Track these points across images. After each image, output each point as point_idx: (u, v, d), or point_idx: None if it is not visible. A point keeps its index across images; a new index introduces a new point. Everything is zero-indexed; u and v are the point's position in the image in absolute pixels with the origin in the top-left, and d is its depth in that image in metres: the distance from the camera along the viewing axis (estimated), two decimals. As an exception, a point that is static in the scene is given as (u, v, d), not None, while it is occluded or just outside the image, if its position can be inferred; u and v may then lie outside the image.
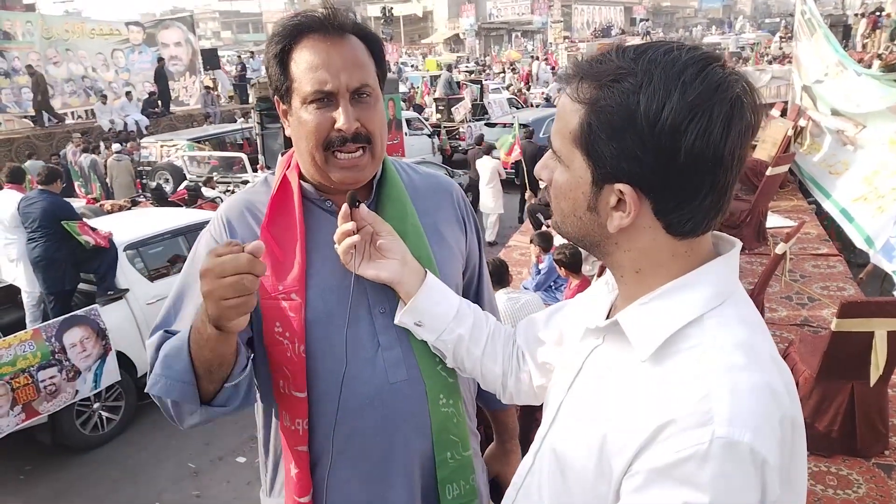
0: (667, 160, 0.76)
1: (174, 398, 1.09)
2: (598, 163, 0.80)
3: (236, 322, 0.98)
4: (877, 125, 6.17)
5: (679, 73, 0.75)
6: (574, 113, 0.81)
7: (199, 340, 1.03)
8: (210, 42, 43.44)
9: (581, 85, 0.81)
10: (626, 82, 0.76)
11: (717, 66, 0.77)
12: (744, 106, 0.77)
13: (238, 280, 0.93)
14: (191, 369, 1.05)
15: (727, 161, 0.77)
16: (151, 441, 4.75)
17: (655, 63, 0.76)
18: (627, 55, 0.79)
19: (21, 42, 15.01)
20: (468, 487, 1.25)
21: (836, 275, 5.61)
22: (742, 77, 0.78)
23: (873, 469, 3.21)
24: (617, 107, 0.76)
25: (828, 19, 12.80)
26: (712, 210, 0.80)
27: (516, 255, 6.82)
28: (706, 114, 0.74)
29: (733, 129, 0.76)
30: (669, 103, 0.74)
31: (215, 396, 1.10)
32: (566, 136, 0.83)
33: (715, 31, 47.05)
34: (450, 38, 48.39)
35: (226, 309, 0.95)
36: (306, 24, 1.14)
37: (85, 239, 5.17)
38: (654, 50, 0.78)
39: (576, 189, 0.84)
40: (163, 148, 11.69)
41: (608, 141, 0.78)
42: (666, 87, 0.75)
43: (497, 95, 18.15)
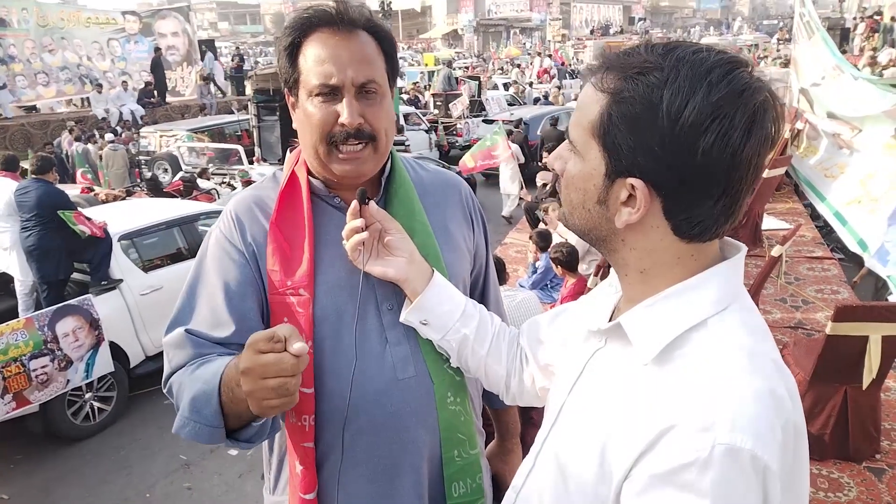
0: (683, 159, 0.75)
1: (203, 442, 1.08)
2: (613, 155, 0.79)
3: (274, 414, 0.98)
4: (873, 129, 6.19)
5: (706, 72, 0.75)
6: (595, 103, 0.80)
7: (232, 397, 1.01)
8: (207, 33, 43.20)
9: (606, 75, 0.80)
10: (652, 76, 0.76)
11: (744, 70, 0.76)
12: (766, 114, 0.76)
13: (282, 384, 0.90)
14: (220, 414, 1.04)
15: (743, 167, 0.76)
16: (143, 433, 4.73)
17: (683, 61, 0.76)
18: (656, 50, 0.78)
19: (16, 29, 14.91)
20: (474, 486, 1.25)
21: (831, 278, 5.64)
22: (767, 86, 0.77)
23: (864, 472, 3.23)
24: (640, 99, 0.76)
25: (825, 22, 12.83)
26: (722, 216, 0.79)
27: (512, 252, 6.83)
28: (728, 116, 0.74)
29: (753, 136, 0.75)
30: (693, 101, 0.74)
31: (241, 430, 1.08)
32: (585, 125, 0.82)
33: (713, 32, 47.11)
34: (448, 33, 48.32)
35: (267, 409, 0.94)
36: (317, 17, 1.14)
37: (80, 228, 5.14)
38: (682, 48, 0.78)
39: (588, 180, 0.83)
40: (162, 138, 11.63)
41: (627, 133, 0.77)
42: (691, 85, 0.74)
43: (495, 92, 18.12)
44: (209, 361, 1.12)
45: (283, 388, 0.91)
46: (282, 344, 0.90)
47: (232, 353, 1.11)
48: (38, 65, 15.16)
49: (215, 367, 1.07)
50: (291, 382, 0.91)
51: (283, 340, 0.90)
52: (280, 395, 0.91)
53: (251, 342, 0.92)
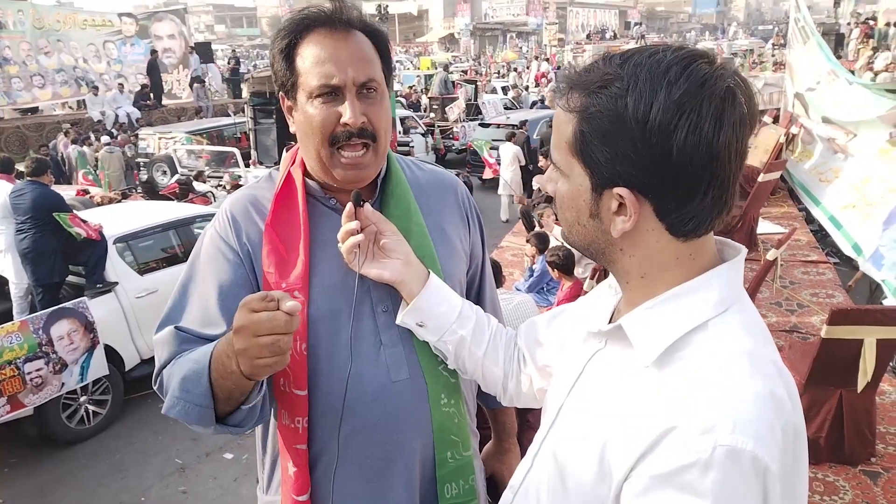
0: (660, 159, 0.76)
1: (192, 422, 1.08)
2: (594, 169, 0.81)
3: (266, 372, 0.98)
4: (867, 134, 6.22)
5: (664, 72, 0.76)
6: (567, 123, 0.82)
7: (222, 372, 1.01)
8: (203, 36, 43.18)
9: (571, 95, 0.82)
10: (614, 87, 0.77)
11: (702, 62, 0.77)
12: (735, 98, 0.77)
13: (274, 341, 0.92)
14: (210, 394, 1.04)
15: (723, 155, 0.77)
16: (138, 436, 4.71)
17: (640, 66, 0.77)
18: (614, 61, 0.80)
19: (12, 31, 14.89)
20: (467, 487, 1.25)
21: (826, 282, 5.66)
22: (731, 70, 0.78)
23: (859, 475, 3.24)
24: (606, 112, 0.78)
25: (820, 27, 12.91)
26: (714, 207, 0.80)
27: (509, 255, 6.84)
28: (695, 110, 0.75)
29: (725, 123, 0.76)
30: (656, 103, 0.75)
31: (230, 415, 1.09)
32: (563, 146, 0.84)
33: (708, 37, 47.30)
34: (445, 37, 48.40)
35: (259, 367, 0.95)
36: (313, 18, 1.13)
37: (76, 231, 5.12)
38: (639, 54, 0.79)
39: (577, 198, 0.85)
40: (161, 140, 11.62)
41: (601, 146, 0.79)
42: (652, 88, 0.75)
43: (491, 96, 18.16)
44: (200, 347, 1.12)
45: (276, 346, 0.92)
46: (275, 303, 0.92)
47: None
48: (33, 67, 15.13)
49: (206, 348, 1.08)
50: (284, 340, 0.93)
51: (276, 301, 0.92)
52: (273, 352, 0.93)
53: (244, 302, 0.94)
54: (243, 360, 0.95)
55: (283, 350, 0.94)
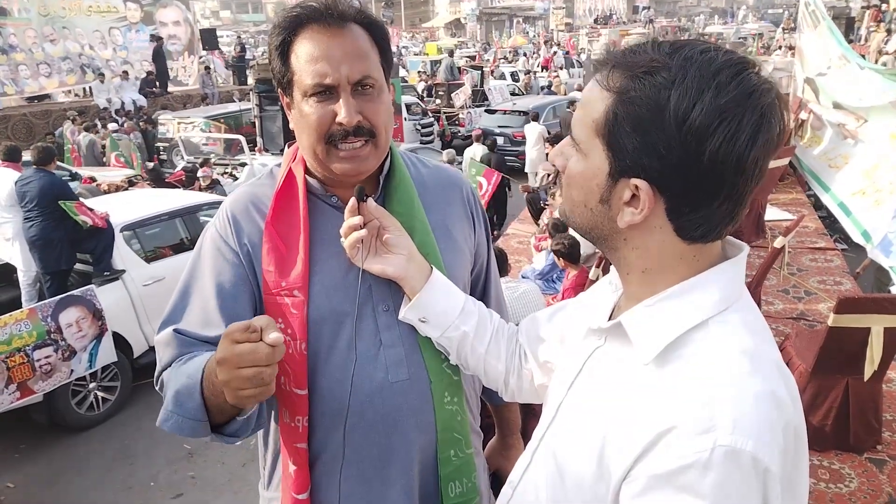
0: (689, 161, 0.74)
1: (186, 436, 1.08)
2: (617, 155, 0.78)
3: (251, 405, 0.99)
4: (878, 119, 6.15)
5: (714, 74, 0.73)
6: (601, 101, 0.79)
7: (213, 390, 1.01)
8: (209, 22, 43.04)
9: (612, 73, 0.78)
10: (660, 76, 0.75)
11: (752, 72, 0.75)
12: (773, 117, 0.75)
13: (256, 373, 0.91)
14: (203, 408, 1.04)
15: (749, 170, 0.75)
16: (147, 422, 4.76)
17: (691, 61, 0.75)
18: (663, 49, 0.77)
19: (17, 18, 14.86)
20: (470, 485, 1.25)
21: (834, 269, 5.62)
22: (775, 87, 0.76)
23: (865, 463, 3.23)
24: (646, 99, 0.75)
25: (831, 11, 12.74)
26: (726, 217, 0.79)
27: (514, 243, 6.81)
28: (736, 119, 0.73)
29: (759, 139, 0.74)
30: (701, 103, 0.73)
31: (226, 424, 1.09)
32: (588, 124, 0.81)
33: (717, 21, 46.80)
34: (451, 22, 48.07)
35: (243, 399, 0.94)
36: (306, 14, 1.11)
37: (82, 219, 5.15)
38: (690, 48, 0.76)
39: (590, 179, 0.82)
40: (179, 125, 11.71)
41: (632, 133, 0.76)
42: (699, 87, 0.73)
43: (498, 82, 18.05)
44: (195, 356, 1.12)
45: (258, 378, 0.91)
46: (257, 334, 0.91)
47: None
48: (39, 55, 15.11)
49: (199, 361, 1.07)
50: (266, 372, 0.92)
51: (259, 330, 0.91)
52: (255, 384, 0.92)
53: (227, 332, 0.93)
54: (227, 391, 0.94)
55: (266, 382, 0.93)
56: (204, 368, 1.04)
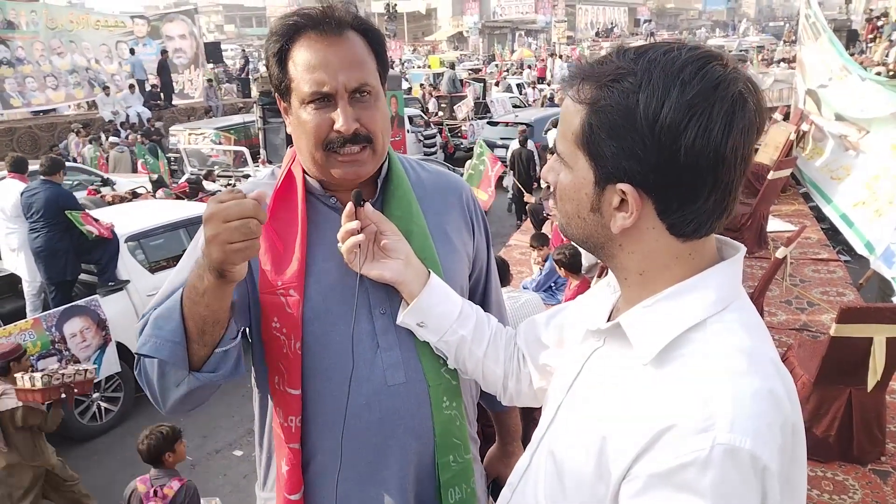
0: (667, 159, 0.76)
1: (163, 357, 1.05)
2: (599, 163, 0.80)
3: (239, 268, 0.99)
4: (880, 130, 6.16)
5: (678, 71, 0.75)
6: (576, 114, 0.82)
7: (195, 297, 1.02)
8: (213, 35, 43.36)
9: (582, 86, 0.81)
10: (626, 82, 0.77)
11: (717, 63, 0.77)
12: (746, 104, 0.76)
13: (244, 223, 0.94)
14: (182, 330, 1.04)
15: (729, 160, 0.77)
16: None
17: (655, 63, 0.77)
18: (628, 56, 0.79)
19: (25, 32, 14.97)
20: (469, 491, 1.24)
21: (836, 280, 5.62)
22: (744, 75, 0.77)
23: (869, 475, 3.21)
24: (616, 106, 0.77)
25: (832, 24, 12.79)
26: (716, 211, 0.80)
27: (517, 254, 6.82)
28: (706, 112, 0.74)
29: (735, 127, 0.76)
30: (668, 101, 0.74)
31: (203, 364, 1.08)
32: (569, 137, 0.83)
33: (718, 34, 46.98)
34: (453, 35, 48.36)
35: (231, 253, 0.95)
36: (303, 22, 1.12)
37: (88, 229, 5.17)
38: (654, 50, 0.79)
39: (579, 190, 0.84)
40: (191, 136, 11.89)
41: (609, 140, 0.78)
42: (665, 86, 0.75)
43: (500, 94, 18.13)
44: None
45: (246, 227, 0.94)
46: (241, 193, 0.96)
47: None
48: (47, 67, 15.23)
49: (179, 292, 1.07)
50: (253, 223, 0.95)
51: (244, 193, 0.96)
52: (243, 234, 0.94)
53: (213, 197, 0.98)
54: (215, 247, 0.95)
55: (254, 233, 0.95)
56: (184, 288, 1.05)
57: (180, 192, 8.56)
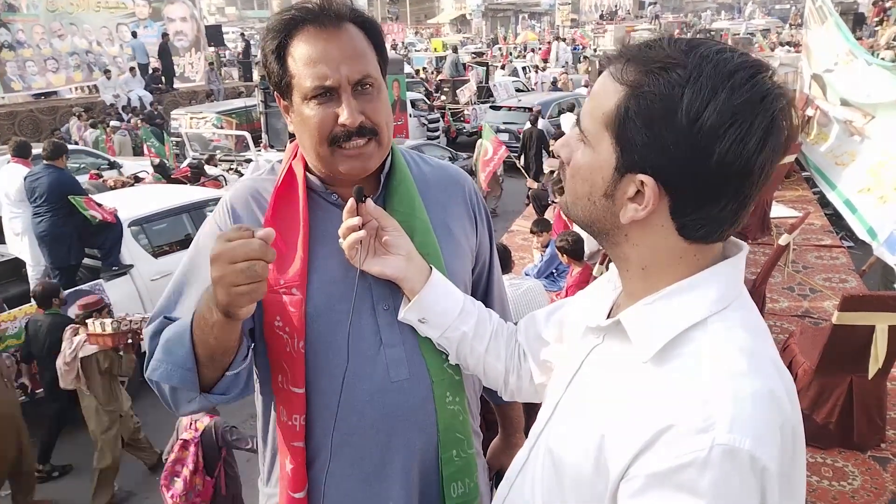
0: (698, 161, 0.74)
1: (175, 384, 1.07)
2: (626, 149, 0.78)
3: (245, 309, 0.97)
4: (885, 116, 6.12)
5: (729, 74, 0.73)
6: (613, 94, 0.78)
7: (204, 327, 1.01)
8: (214, 18, 43.02)
9: (626, 67, 0.78)
10: (675, 73, 0.74)
11: (766, 76, 0.75)
12: (783, 123, 0.75)
13: (249, 266, 0.92)
14: (192, 356, 1.04)
15: (755, 174, 0.76)
16: (152, 419, 4.77)
17: (707, 59, 0.74)
18: (679, 46, 0.77)
19: (25, 14, 14.86)
20: (472, 485, 1.24)
21: (839, 266, 5.62)
22: (787, 93, 0.76)
23: (869, 461, 3.23)
24: (660, 95, 0.74)
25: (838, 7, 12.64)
26: (728, 219, 0.79)
27: (519, 240, 6.82)
28: (747, 122, 0.73)
29: (769, 144, 0.75)
30: (714, 103, 0.73)
31: (215, 384, 1.09)
32: (598, 116, 0.80)
33: (724, 16, 46.52)
34: (456, 18, 47.94)
35: (236, 296, 0.94)
36: (300, 16, 1.10)
37: (91, 214, 5.18)
38: (706, 46, 0.76)
39: (596, 172, 0.82)
40: (192, 120, 11.83)
41: (643, 129, 0.76)
42: (714, 86, 0.73)
43: (503, 78, 18.00)
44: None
45: (252, 270, 0.92)
46: (249, 232, 0.94)
47: None
48: (47, 50, 15.12)
49: (188, 318, 1.07)
50: (259, 265, 0.93)
51: (251, 231, 0.94)
52: (249, 277, 0.92)
53: (220, 235, 0.95)
54: (221, 289, 0.94)
55: (260, 276, 0.93)
56: (193, 315, 1.04)
57: (182, 176, 8.55)
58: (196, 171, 8.58)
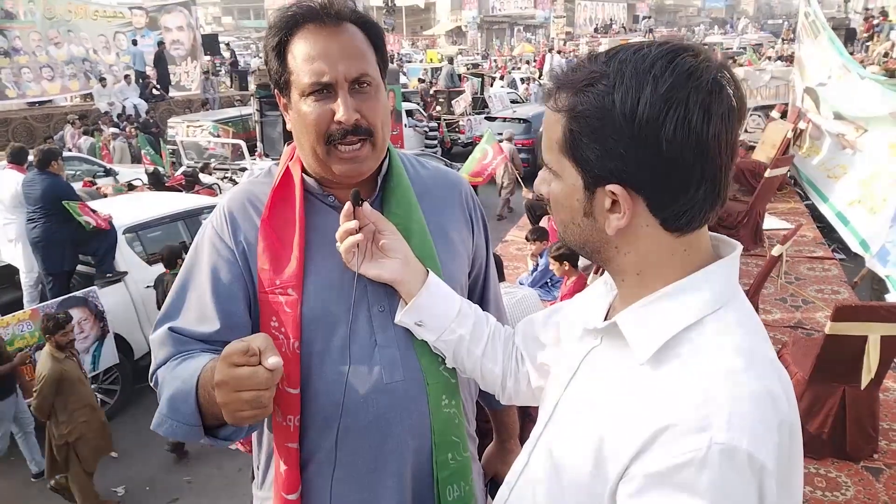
0: (650, 154, 0.76)
1: (180, 439, 1.08)
2: (585, 167, 0.81)
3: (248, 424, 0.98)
4: (878, 129, 6.18)
5: (649, 67, 0.76)
6: (556, 123, 0.83)
7: (208, 399, 1.00)
8: (211, 27, 43.13)
9: (559, 95, 0.83)
10: (600, 85, 0.78)
11: (687, 55, 0.77)
12: (722, 90, 0.77)
13: (256, 397, 0.91)
14: (197, 413, 1.04)
15: (713, 147, 0.77)
16: (145, 425, 4.71)
17: (625, 62, 0.78)
18: (599, 59, 0.81)
19: (23, 21, 14.84)
20: (467, 489, 1.24)
21: (831, 278, 5.65)
22: (717, 63, 0.78)
23: (862, 472, 3.24)
24: (594, 109, 0.78)
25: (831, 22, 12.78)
26: (707, 200, 0.80)
27: (513, 249, 6.83)
28: (682, 102, 0.75)
29: (714, 114, 0.76)
30: (643, 97, 0.75)
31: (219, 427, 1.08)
32: (554, 147, 0.85)
33: (717, 31, 46.92)
34: (452, 30, 48.21)
35: (241, 420, 0.94)
36: (302, 14, 1.11)
37: (85, 220, 5.16)
38: (623, 51, 0.80)
39: (570, 197, 0.85)
40: (189, 128, 11.84)
41: (591, 143, 0.79)
42: (638, 83, 0.76)
43: (498, 89, 18.09)
44: (190, 358, 1.11)
45: (257, 401, 0.91)
46: (256, 357, 0.90)
47: (215, 350, 1.10)
48: (43, 58, 15.11)
49: (194, 365, 1.06)
50: (265, 395, 0.92)
51: (258, 353, 0.90)
52: (254, 407, 0.92)
53: (225, 355, 0.92)
54: (225, 412, 0.94)
55: (265, 405, 0.92)
56: (199, 376, 1.03)
57: (176, 184, 8.54)
58: (190, 180, 8.57)
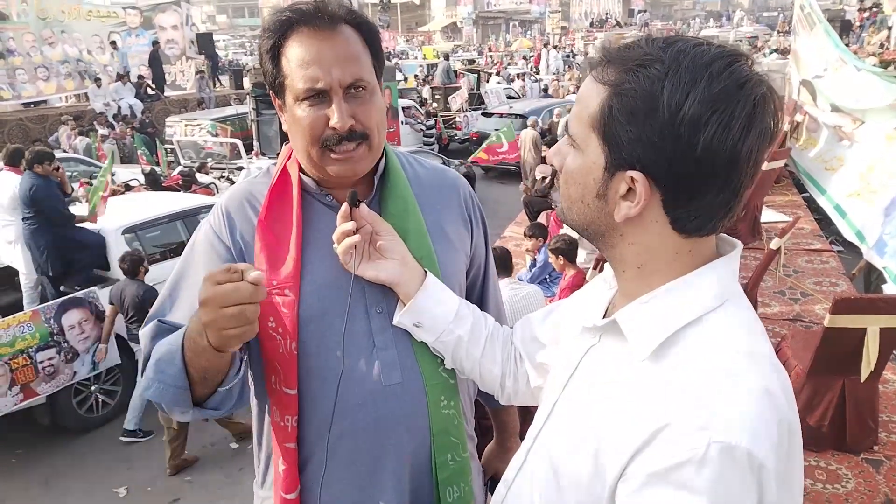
0: (684, 151, 0.75)
1: (167, 403, 1.07)
2: (613, 148, 0.79)
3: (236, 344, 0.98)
4: (875, 121, 6.18)
5: (707, 65, 0.75)
6: (596, 95, 0.80)
7: (195, 349, 1.01)
8: (205, 26, 42.97)
9: (607, 68, 0.80)
10: (653, 68, 0.76)
11: (744, 63, 0.76)
12: (766, 108, 0.76)
13: (240, 311, 0.92)
14: (184, 374, 1.03)
15: (743, 160, 0.76)
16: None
17: (684, 53, 0.76)
18: (657, 44, 0.79)
19: (16, 22, 14.77)
20: (466, 489, 1.24)
21: (829, 270, 5.65)
22: (768, 79, 0.77)
23: (862, 464, 3.25)
24: (640, 91, 0.76)
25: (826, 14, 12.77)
26: (721, 210, 0.79)
27: (512, 245, 6.83)
28: (729, 109, 0.74)
29: (753, 129, 0.75)
30: (694, 94, 0.74)
31: (208, 398, 1.09)
32: (584, 119, 0.82)
33: (713, 24, 46.86)
34: (447, 26, 48.12)
35: (227, 338, 0.95)
36: (295, 17, 1.10)
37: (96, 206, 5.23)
38: (683, 42, 0.78)
39: (587, 174, 0.83)
40: (187, 127, 11.80)
41: (627, 125, 0.77)
42: (692, 78, 0.74)
43: (494, 85, 18.08)
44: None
45: (242, 315, 0.92)
46: (238, 274, 0.93)
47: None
48: (38, 58, 15.04)
49: (180, 330, 1.07)
50: (250, 309, 0.93)
51: (240, 272, 0.93)
52: (239, 322, 0.93)
53: (208, 276, 0.94)
54: (211, 332, 0.95)
55: (250, 319, 0.94)
56: (184, 333, 1.04)
57: (173, 184, 8.52)
58: (187, 180, 8.55)
